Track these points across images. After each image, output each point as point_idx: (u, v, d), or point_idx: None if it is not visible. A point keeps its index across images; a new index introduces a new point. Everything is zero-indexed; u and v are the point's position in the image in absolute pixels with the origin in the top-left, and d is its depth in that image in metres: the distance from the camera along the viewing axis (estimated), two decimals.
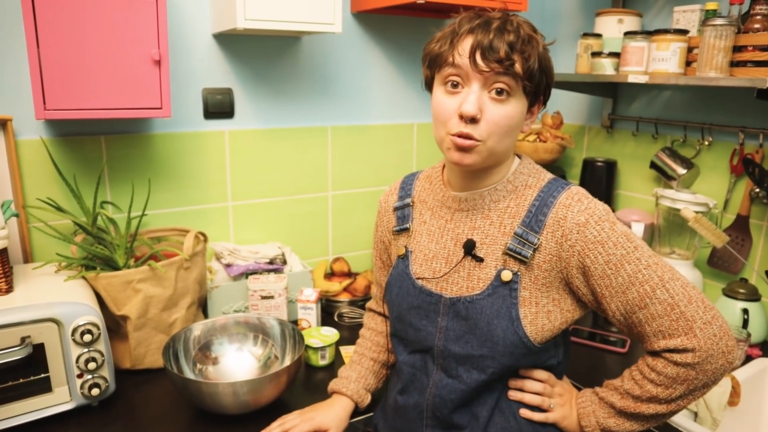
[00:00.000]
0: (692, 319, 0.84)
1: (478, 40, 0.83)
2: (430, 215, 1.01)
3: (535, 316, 0.90)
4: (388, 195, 1.11)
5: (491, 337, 0.90)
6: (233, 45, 1.55)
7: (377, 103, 1.82)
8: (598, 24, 1.72)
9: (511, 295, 0.90)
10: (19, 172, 1.33)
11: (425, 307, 0.96)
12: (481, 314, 0.90)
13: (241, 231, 1.68)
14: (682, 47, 1.43)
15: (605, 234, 0.86)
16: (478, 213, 0.95)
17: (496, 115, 0.85)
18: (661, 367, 0.87)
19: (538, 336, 0.90)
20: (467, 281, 0.93)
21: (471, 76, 0.85)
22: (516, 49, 0.83)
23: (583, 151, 1.99)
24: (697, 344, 0.84)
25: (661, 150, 1.66)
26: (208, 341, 1.27)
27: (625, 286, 0.86)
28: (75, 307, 1.11)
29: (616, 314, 0.89)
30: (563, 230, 0.87)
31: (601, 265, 0.86)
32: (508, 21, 0.86)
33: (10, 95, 1.30)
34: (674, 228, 1.62)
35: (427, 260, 0.98)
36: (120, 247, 1.29)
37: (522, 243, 0.89)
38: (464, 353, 0.92)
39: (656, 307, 0.85)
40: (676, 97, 1.69)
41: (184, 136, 1.53)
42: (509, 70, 0.83)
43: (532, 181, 0.94)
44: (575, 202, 0.88)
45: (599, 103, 1.91)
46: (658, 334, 0.86)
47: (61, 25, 1.12)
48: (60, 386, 1.12)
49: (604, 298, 0.88)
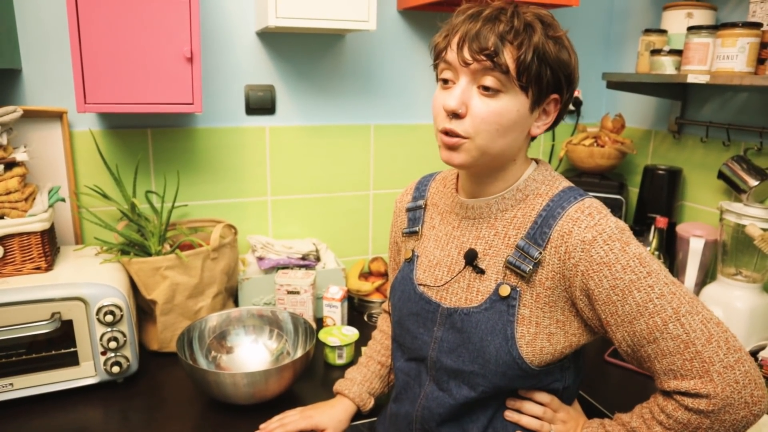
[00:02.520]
0: (710, 361, 0.74)
1: (466, 31, 0.78)
2: (440, 220, 0.97)
3: (533, 336, 0.83)
4: (403, 195, 1.08)
5: (483, 354, 0.84)
6: (276, 42, 1.58)
7: (423, 102, 1.79)
8: (664, 19, 1.57)
9: (508, 312, 0.84)
10: (72, 160, 1.44)
11: (423, 314, 0.92)
12: (476, 328, 0.85)
13: (280, 225, 1.71)
14: (752, 43, 1.26)
15: (613, 255, 0.77)
16: (484, 222, 0.90)
17: (483, 110, 0.79)
18: (671, 410, 0.78)
19: (535, 359, 0.83)
20: (466, 293, 0.88)
21: (459, 70, 0.80)
22: (506, 40, 0.76)
23: (648, 158, 1.83)
24: (713, 390, 0.74)
25: (732, 158, 1.48)
26: (224, 331, 1.30)
27: (632, 315, 0.77)
28: (102, 289, 1.19)
29: (623, 345, 0.81)
30: (567, 246, 0.80)
31: (606, 289, 0.78)
32: (504, 10, 0.79)
33: (65, 89, 1.41)
34: (741, 247, 1.44)
35: (431, 267, 0.94)
36: (154, 235, 1.36)
37: (523, 257, 0.83)
38: (455, 367, 0.87)
39: (667, 342, 0.76)
40: (753, 100, 1.50)
41: (226, 131, 1.58)
42: (495, 63, 0.76)
43: (544, 189, 0.87)
44: (584, 216, 0.80)
45: (667, 106, 1.74)
46: (668, 372, 0.78)
47: (101, 25, 1.19)
48: (86, 361, 1.20)
49: (609, 326, 0.80)
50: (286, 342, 1.30)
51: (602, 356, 1.37)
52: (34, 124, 1.38)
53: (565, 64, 0.81)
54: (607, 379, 1.28)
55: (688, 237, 1.50)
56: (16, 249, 1.21)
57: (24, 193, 1.22)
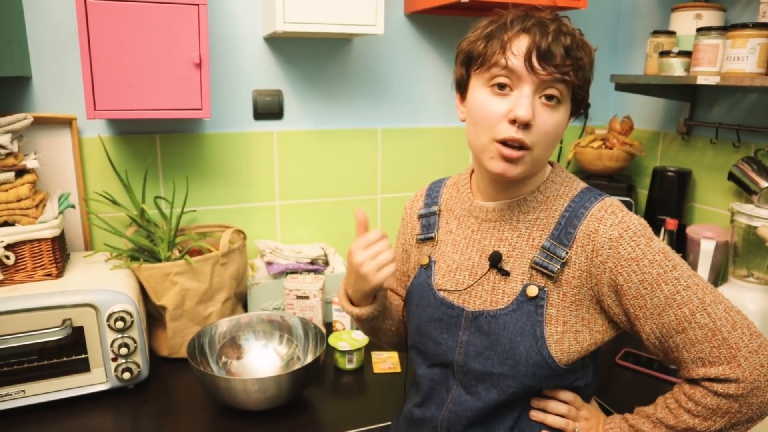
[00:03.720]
0: (736, 347, 0.77)
1: (536, 42, 0.79)
2: (457, 225, 0.97)
3: (561, 335, 0.84)
4: (413, 201, 1.08)
5: (513, 355, 0.85)
6: (283, 47, 1.58)
7: (430, 105, 1.79)
8: (673, 20, 1.57)
9: (536, 312, 0.84)
10: (82, 166, 1.44)
11: (446, 320, 0.92)
12: (504, 330, 0.85)
13: (288, 230, 1.71)
14: (763, 43, 1.26)
15: (640, 251, 0.80)
16: (506, 224, 0.90)
17: (548, 122, 0.81)
18: (699, 397, 0.79)
19: (563, 357, 0.84)
20: (491, 295, 0.88)
21: (524, 78, 0.80)
22: (571, 55, 0.79)
23: (657, 159, 1.82)
24: (741, 374, 0.76)
25: (742, 160, 1.48)
26: (234, 337, 1.30)
27: (661, 307, 0.79)
28: (112, 295, 1.19)
29: (651, 337, 0.82)
30: (594, 245, 0.82)
31: (635, 284, 0.80)
32: (563, 24, 0.82)
33: (75, 96, 1.42)
34: (752, 248, 1.43)
35: (451, 271, 0.94)
36: (164, 241, 1.36)
37: (549, 257, 0.84)
38: (484, 370, 0.87)
39: (696, 332, 0.78)
40: (763, 101, 1.49)
41: (234, 136, 1.59)
42: (565, 76, 0.79)
43: (564, 190, 0.89)
44: (608, 215, 0.82)
45: (675, 108, 1.74)
46: (697, 361, 0.79)
47: (111, 32, 1.20)
48: (97, 368, 1.21)
49: (638, 320, 0.82)
50: (296, 347, 1.30)
51: (613, 359, 1.36)
52: (44, 131, 1.39)
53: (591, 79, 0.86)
54: (618, 382, 1.27)
55: (698, 239, 1.49)
56: (27, 256, 1.21)
57: (35, 200, 1.22)
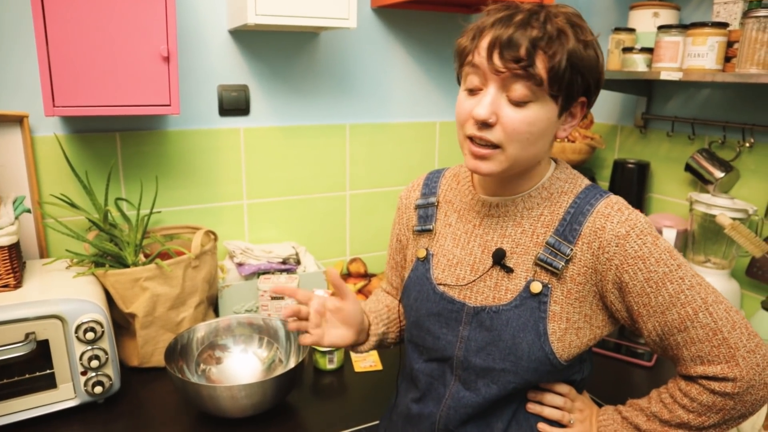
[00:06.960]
0: (735, 347, 0.78)
1: (497, 36, 0.76)
2: (456, 218, 0.95)
3: (564, 332, 0.84)
4: (409, 191, 1.05)
5: (515, 351, 0.84)
6: (249, 41, 1.53)
7: (398, 100, 1.78)
8: (631, 18, 1.62)
9: (540, 308, 0.84)
10: (35, 168, 1.34)
11: (446, 314, 0.91)
12: (507, 326, 0.85)
13: (257, 230, 1.66)
14: (720, 42, 1.32)
15: (647, 249, 0.80)
16: (510, 220, 0.89)
17: (515, 120, 0.78)
18: (695, 394, 0.81)
19: (564, 353, 0.84)
20: (494, 291, 0.87)
21: (488, 76, 0.78)
22: (539, 47, 0.75)
23: (615, 152, 1.89)
24: (738, 373, 0.78)
25: (698, 152, 1.55)
26: (213, 342, 1.25)
27: (665, 306, 0.80)
28: (80, 305, 1.11)
29: (652, 334, 0.83)
30: (600, 241, 0.81)
31: (641, 282, 0.80)
32: (536, 14, 0.77)
33: (27, 92, 1.31)
34: (710, 235, 1.51)
35: (451, 266, 0.93)
36: (130, 245, 1.29)
37: (554, 254, 0.83)
38: (485, 366, 0.87)
39: (697, 331, 0.79)
40: (716, 96, 1.58)
41: (199, 133, 1.52)
42: (529, 72, 0.75)
43: (568, 187, 0.88)
44: (615, 212, 0.82)
45: (632, 102, 1.81)
46: (696, 359, 0.81)
47: (70, 23, 1.11)
48: (64, 383, 1.13)
49: (641, 317, 0.82)
50: (277, 350, 1.27)
51: None
52: None
53: (595, 68, 0.80)
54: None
55: (660, 228, 1.56)
56: None
57: None
